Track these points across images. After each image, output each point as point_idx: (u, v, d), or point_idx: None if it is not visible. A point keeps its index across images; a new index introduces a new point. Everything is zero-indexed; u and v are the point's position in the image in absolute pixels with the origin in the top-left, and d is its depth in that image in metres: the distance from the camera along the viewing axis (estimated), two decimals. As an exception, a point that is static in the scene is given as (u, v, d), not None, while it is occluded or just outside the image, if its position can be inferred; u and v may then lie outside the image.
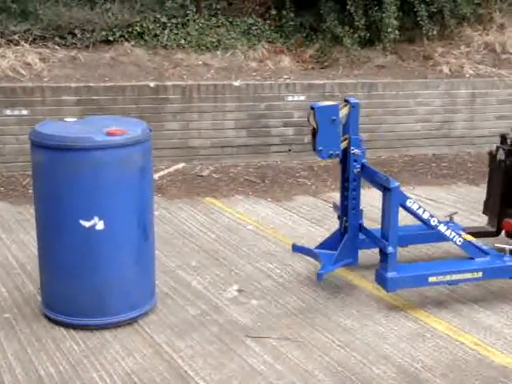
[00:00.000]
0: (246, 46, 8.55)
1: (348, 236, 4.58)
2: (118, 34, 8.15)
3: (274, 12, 8.98)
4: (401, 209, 4.31)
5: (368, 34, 8.63)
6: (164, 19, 8.33)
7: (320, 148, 4.32)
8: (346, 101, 4.47)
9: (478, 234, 5.06)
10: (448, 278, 4.32)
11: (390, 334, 4.05)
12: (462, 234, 4.77)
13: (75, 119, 4.32)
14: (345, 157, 4.51)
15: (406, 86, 8.29)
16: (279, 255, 5.21)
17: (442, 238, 4.61)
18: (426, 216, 4.37)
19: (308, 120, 4.37)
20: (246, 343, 3.91)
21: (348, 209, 4.58)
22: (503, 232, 5.11)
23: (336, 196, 6.86)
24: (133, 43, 8.19)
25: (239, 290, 4.60)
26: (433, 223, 4.40)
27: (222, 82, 7.78)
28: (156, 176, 6.88)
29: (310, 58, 8.75)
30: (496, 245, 4.65)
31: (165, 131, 7.50)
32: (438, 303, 4.46)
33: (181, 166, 7.56)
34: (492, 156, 5.17)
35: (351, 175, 4.50)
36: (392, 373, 3.64)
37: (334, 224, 5.95)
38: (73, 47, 8.00)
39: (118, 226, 3.94)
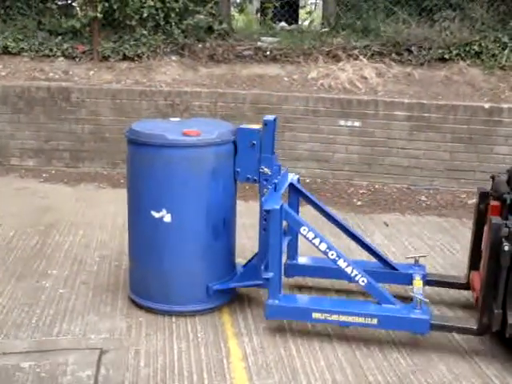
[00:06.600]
0: None
1: (257, 258, 4.31)
2: (454, 53, 8.05)
3: None
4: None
5: None
6: (505, 39, 8.01)
7: (238, 170, 4.22)
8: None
9: (440, 283, 4.55)
10: (335, 317, 3.90)
11: None
12: (416, 279, 4.17)
13: (178, 119, 4.66)
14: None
15: None
16: None
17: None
18: (322, 247, 3.92)
19: None
20: None
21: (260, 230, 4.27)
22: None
23: None
24: (468, 62, 8.03)
25: None
26: (331, 256, 3.92)
27: None
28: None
29: None
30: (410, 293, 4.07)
31: (493, 155, 7.24)
32: None
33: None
34: None
35: (260, 195, 4.23)
36: None
37: None
38: (408, 64, 8.11)
39: (184, 220, 4.10)
